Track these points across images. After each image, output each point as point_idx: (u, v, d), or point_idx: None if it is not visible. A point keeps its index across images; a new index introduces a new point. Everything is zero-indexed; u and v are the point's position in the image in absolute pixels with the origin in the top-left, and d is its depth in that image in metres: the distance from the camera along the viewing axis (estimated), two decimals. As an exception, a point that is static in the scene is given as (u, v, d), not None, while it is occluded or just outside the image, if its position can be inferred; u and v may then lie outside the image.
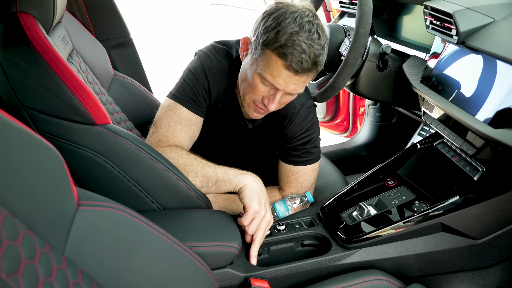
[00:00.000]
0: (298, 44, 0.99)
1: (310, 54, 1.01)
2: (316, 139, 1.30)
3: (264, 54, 1.03)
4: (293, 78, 1.04)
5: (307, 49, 1.00)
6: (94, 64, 1.35)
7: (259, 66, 1.05)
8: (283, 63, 1.01)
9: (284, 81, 1.04)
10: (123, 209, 0.72)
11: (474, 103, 1.02)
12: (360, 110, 2.34)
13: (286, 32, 0.99)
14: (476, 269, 1.14)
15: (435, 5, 1.17)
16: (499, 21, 1.10)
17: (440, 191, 1.16)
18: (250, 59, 1.09)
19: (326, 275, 1.07)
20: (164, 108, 1.21)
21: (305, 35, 1.00)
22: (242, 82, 1.15)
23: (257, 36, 1.05)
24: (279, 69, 1.02)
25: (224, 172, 1.10)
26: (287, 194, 1.30)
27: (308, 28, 1.01)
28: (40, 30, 0.90)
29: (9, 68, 0.89)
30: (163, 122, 1.19)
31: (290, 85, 1.05)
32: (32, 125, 0.93)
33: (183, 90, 1.20)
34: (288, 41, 0.99)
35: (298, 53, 1.00)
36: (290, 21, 1.00)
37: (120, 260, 0.71)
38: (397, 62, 1.38)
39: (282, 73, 1.03)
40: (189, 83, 1.20)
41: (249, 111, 1.18)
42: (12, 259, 0.48)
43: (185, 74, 1.23)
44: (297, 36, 0.99)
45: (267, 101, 1.10)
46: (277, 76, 1.04)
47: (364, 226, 1.11)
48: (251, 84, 1.10)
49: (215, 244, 0.98)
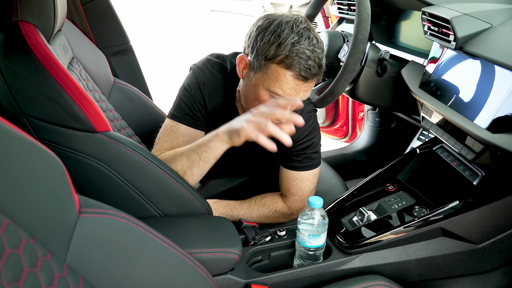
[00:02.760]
0: (302, 52, 1.01)
1: (315, 59, 1.03)
2: (317, 144, 1.30)
3: (269, 69, 1.04)
4: (302, 86, 1.05)
5: (311, 55, 1.02)
6: (94, 72, 1.35)
7: (265, 81, 1.06)
8: (291, 74, 1.02)
9: (295, 91, 1.05)
10: (124, 216, 0.72)
11: (473, 108, 1.02)
12: (359, 115, 2.34)
13: (287, 43, 1.00)
14: (477, 273, 1.14)
15: (433, 11, 1.18)
16: (497, 27, 1.11)
17: (440, 196, 1.17)
18: (253, 77, 1.08)
19: (327, 281, 1.07)
20: (163, 128, 1.24)
21: (306, 42, 1.02)
22: (247, 100, 1.15)
23: (256, 52, 1.05)
24: (288, 80, 1.03)
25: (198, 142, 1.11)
26: (289, 200, 1.30)
27: (307, 35, 1.03)
28: (40, 39, 0.91)
29: (10, 76, 0.89)
30: (160, 140, 1.23)
31: (300, 93, 1.06)
32: (33, 133, 0.93)
33: (179, 108, 1.22)
34: (292, 51, 1.00)
35: (305, 61, 1.01)
36: (288, 31, 1.01)
37: (122, 267, 0.71)
38: (395, 68, 1.38)
39: (292, 84, 1.04)
40: (184, 100, 1.22)
41: None
42: (14, 267, 0.49)
43: (181, 91, 1.25)
44: (299, 45, 1.01)
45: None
46: (287, 88, 1.04)
47: (364, 231, 1.11)
48: (259, 99, 1.10)
49: (216, 250, 0.98)
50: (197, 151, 1.10)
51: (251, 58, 1.08)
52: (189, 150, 1.12)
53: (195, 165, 1.11)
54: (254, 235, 1.15)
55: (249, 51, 1.08)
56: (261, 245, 1.13)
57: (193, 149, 1.11)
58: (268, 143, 0.97)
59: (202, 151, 1.09)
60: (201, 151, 1.09)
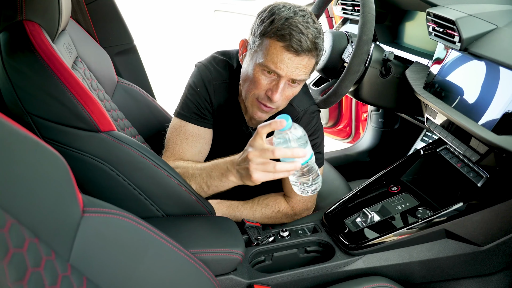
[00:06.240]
0: (295, 25, 1.02)
1: (308, 34, 1.03)
2: (320, 144, 1.30)
3: (262, 43, 1.06)
4: (294, 61, 1.04)
5: (304, 30, 1.03)
6: (98, 71, 1.36)
7: (258, 56, 1.07)
8: (282, 45, 1.03)
9: (286, 65, 1.05)
10: (127, 216, 0.72)
11: (477, 110, 1.02)
12: (363, 116, 2.34)
13: (281, 17, 1.03)
14: (480, 275, 1.14)
15: (437, 12, 1.17)
16: (502, 28, 1.10)
17: (443, 198, 1.16)
18: (249, 55, 1.11)
19: (330, 282, 1.07)
20: (171, 128, 1.24)
21: (300, 18, 1.03)
22: (244, 83, 1.16)
23: (254, 32, 1.09)
24: (279, 52, 1.04)
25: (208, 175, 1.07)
26: (292, 200, 1.29)
27: (302, 14, 1.05)
28: (45, 38, 0.91)
29: (15, 75, 0.89)
30: (170, 142, 1.22)
31: (292, 69, 1.05)
32: (37, 132, 0.93)
33: (186, 107, 1.22)
34: (285, 24, 1.02)
35: (296, 33, 1.02)
36: (283, 9, 1.05)
37: (125, 267, 0.71)
38: (399, 69, 1.38)
39: (283, 56, 1.04)
40: (191, 98, 1.22)
41: (253, 112, 1.17)
42: (18, 267, 0.49)
43: (187, 90, 1.25)
44: (292, 20, 1.03)
45: (271, 92, 1.09)
46: (278, 61, 1.04)
47: (367, 232, 1.11)
48: (252, 79, 1.10)
49: (219, 250, 0.98)
50: (207, 183, 1.08)
51: (250, 39, 1.11)
52: (199, 176, 1.10)
53: (202, 192, 1.11)
54: (257, 235, 1.15)
55: (250, 35, 1.12)
56: (264, 245, 1.13)
57: (203, 177, 1.09)
58: (286, 174, 0.92)
59: (212, 184, 1.08)
60: (210, 184, 1.08)
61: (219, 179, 1.05)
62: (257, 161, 0.91)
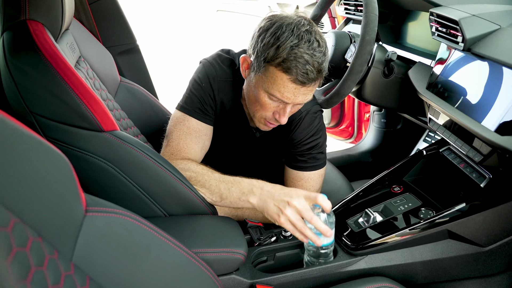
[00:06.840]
0: (300, 56, 0.99)
1: (313, 63, 1.01)
2: (322, 144, 1.30)
3: (268, 71, 1.04)
4: (300, 90, 1.04)
5: (309, 59, 1.00)
6: (101, 71, 1.36)
7: (264, 83, 1.06)
8: (288, 78, 1.01)
9: (293, 95, 1.05)
10: (130, 215, 0.72)
11: (481, 110, 1.01)
12: (365, 116, 2.34)
13: (286, 46, 0.99)
14: (483, 276, 1.14)
15: (441, 12, 1.17)
16: (505, 28, 1.10)
17: (446, 198, 1.16)
18: (254, 78, 1.09)
19: (332, 282, 1.07)
20: (174, 121, 1.23)
21: (306, 45, 1.00)
22: (249, 100, 1.16)
23: (257, 53, 1.05)
24: (286, 84, 1.03)
25: (227, 189, 1.08)
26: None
27: (307, 38, 1.01)
28: (48, 38, 0.91)
29: (18, 75, 0.89)
30: (173, 135, 1.20)
31: (299, 97, 1.06)
32: (40, 132, 0.93)
33: (190, 101, 1.21)
34: (290, 55, 0.99)
35: (302, 65, 1.00)
36: (288, 34, 1.00)
37: (127, 266, 0.71)
38: (402, 69, 1.38)
39: (289, 87, 1.03)
40: (195, 93, 1.21)
41: (259, 125, 1.20)
42: (21, 266, 0.49)
43: (191, 84, 1.24)
44: (298, 49, 0.99)
45: (278, 115, 1.11)
46: (284, 92, 1.04)
47: (370, 232, 1.11)
48: (259, 102, 1.10)
49: (221, 250, 0.98)
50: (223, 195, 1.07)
51: (253, 59, 1.08)
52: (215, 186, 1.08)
53: (211, 201, 1.11)
54: (259, 235, 1.15)
55: (251, 52, 1.08)
56: (266, 245, 1.12)
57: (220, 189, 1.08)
58: (304, 239, 0.99)
59: (227, 198, 1.07)
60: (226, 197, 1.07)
61: (237, 197, 1.05)
62: (295, 212, 0.98)
